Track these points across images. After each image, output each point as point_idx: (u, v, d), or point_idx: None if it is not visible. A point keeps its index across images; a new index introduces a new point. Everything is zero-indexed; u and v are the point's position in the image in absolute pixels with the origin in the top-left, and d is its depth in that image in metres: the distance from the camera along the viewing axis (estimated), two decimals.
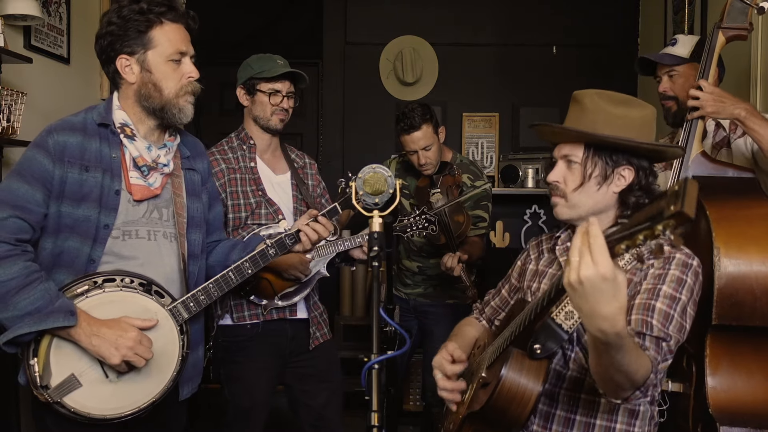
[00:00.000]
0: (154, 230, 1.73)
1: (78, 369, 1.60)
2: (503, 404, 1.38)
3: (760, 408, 1.78)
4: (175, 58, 1.70)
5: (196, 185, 1.86)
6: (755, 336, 1.81)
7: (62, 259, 1.65)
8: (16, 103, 2.51)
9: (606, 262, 1.04)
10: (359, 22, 4.74)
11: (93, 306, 1.61)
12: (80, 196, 1.63)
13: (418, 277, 3.10)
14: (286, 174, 2.45)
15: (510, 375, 1.37)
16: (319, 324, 2.45)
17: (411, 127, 2.85)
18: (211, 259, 1.94)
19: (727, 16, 2.09)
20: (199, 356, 1.89)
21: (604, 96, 1.49)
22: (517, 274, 1.80)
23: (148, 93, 1.69)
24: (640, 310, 1.40)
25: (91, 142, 1.67)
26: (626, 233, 0.99)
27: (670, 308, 1.40)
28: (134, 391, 1.65)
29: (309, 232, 1.89)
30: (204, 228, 1.87)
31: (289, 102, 2.41)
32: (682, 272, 1.44)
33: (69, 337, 1.57)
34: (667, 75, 2.34)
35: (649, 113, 1.50)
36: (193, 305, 1.73)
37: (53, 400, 1.58)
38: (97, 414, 1.61)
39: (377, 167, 1.60)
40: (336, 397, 2.46)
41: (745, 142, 2.17)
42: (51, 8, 2.96)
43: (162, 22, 1.68)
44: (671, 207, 0.91)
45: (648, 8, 4.48)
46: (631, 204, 1.48)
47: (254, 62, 2.39)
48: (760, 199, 1.89)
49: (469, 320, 1.90)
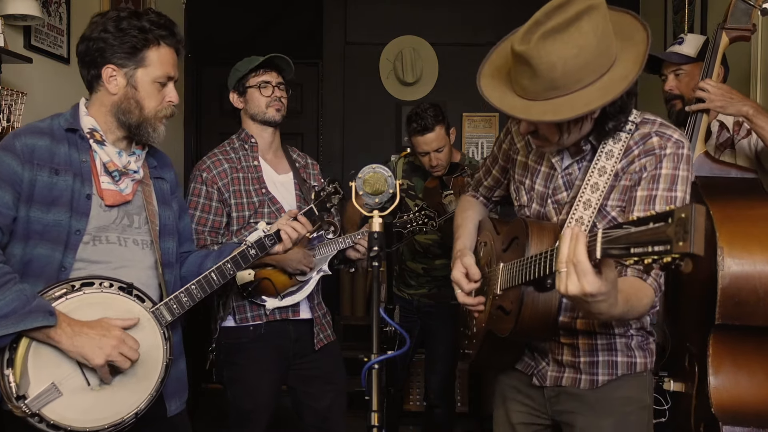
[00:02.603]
0: (124, 236, 1.69)
1: (58, 376, 1.52)
2: (525, 333, 1.50)
3: (762, 407, 1.78)
4: (162, 81, 1.68)
5: (165, 194, 1.83)
6: (758, 335, 1.81)
7: (32, 267, 1.58)
8: (16, 103, 2.50)
9: (590, 282, 1.12)
10: (359, 22, 4.74)
11: (73, 308, 1.54)
12: (50, 200, 1.58)
13: (423, 278, 3.10)
14: (288, 174, 2.45)
15: (527, 310, 1.46)
16: (323, 325, 2.44)
17: (424, 129, 2.83)
18: (184, 269, 1.89)
19: (730, 17, 2.09)
20: (181, 370, 1.82)
21: (548, 38, 1.30)
22: (505, 157, 1.76)
23: (128, 108, 1.67)
24: (642, 204, 1.44)
25: (60, 146, 1.63)
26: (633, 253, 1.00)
27: (671, 191, 1.43)
28: (117, 400, 1.57)
29: (289, 231, 1.92)
30: (176, 237, 1.84)
31: (281, 92, 2.40)
32: (674, 168, 1.44)
33: (49, 339, 1.49)
34: (673, 74, 2.34)
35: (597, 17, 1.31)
36: (176, 307, 1.69)
37: (31, 411, 1.47)
38: (77, 426, 1.52)
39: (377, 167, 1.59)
40: (340, 399, 2.46)
41: (749, 142, 2.17)
42: (51, 8, 2.95)
43: (159, 44, 1.67)
44: (679, 243, 0.91)
45: (648, 8, 4.48)
46: (607, 129, 1.45)
47: (240, 65, 2.40)
48: (763, 199, 1.89)
49: (468, 200, 1.93)
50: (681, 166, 1.44)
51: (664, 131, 1.47)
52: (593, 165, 1.49)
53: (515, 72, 1.38)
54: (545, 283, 1.36)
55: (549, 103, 1.34)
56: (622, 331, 1.58)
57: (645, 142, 1.47)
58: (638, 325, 1.60)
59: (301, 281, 2.33)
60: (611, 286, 1.16)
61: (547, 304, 1.47)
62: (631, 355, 1.59)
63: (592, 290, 1.13)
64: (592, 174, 1.49)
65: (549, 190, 1.60)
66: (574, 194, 1.54)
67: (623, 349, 1.59)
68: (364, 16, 4.74)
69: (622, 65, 1.36)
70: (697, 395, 1.86)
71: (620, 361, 1.58)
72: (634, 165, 1.47)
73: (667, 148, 1.44)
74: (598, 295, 1.15)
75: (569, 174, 1.57)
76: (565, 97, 1.33)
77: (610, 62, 1.35)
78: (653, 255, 0.96)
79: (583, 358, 1.59)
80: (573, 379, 1.61)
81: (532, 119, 1.38)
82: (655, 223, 0.97)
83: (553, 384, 1.63)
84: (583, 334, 1.59)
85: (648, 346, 1.62)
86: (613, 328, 1.58)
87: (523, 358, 1.69)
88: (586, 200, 1.49)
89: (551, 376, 1.64)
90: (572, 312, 1.57)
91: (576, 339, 1.60)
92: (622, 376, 1.58)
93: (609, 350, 1.59)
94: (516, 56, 1.35)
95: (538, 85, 1.34)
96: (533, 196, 1.64)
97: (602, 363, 1.59)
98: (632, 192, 1.47)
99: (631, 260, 1.01)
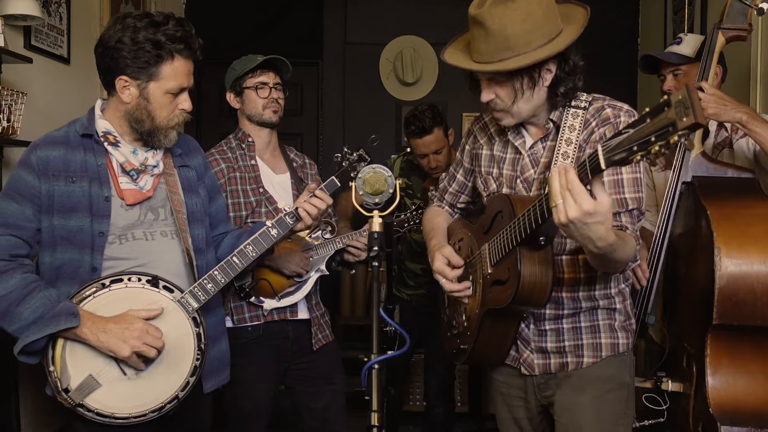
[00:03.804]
0: (150, 231, 1.74)
1: (95, 369, 1.62)
2: (527, 296, 1.54)
3: (760, 408, 1.78)
4: (175, 92, 1.71)
5: (191, 181, 1.87)
6: (756, 335, 1.81)
7: (64, 272, 1.66)
8: (16, 103, 2.51)
9: (586, 201, 1.22)
10: (359, 22, 4.75)
11: (100, 305, 1.63)
12: (69, 207, 1.65)
13: (421, 278, 3.10)
14: (285, 174, 2.45)
15: (527, 271, 1.52)
16: (321, 325, 2.44)
17: (423, 131, 2.83)
18: (220, 251, 1.94)
19: (726, 16, 2.09)
20: (222, 349, 1.90)
21: (499, 4, 1.49)
22: (469, 158, 1.88)
23: (140, 117, 1.70)
24: (611, 187, 1.56)
25: (75, 153, 1.69)
26: (639, 144, 1.09)
27: (635, 173, 1.57)
28: (154, 386, 1.65)
29: (308, 208, 1.92)
30: (206, 222, 1.88)
31: (278, 93, 2.40)
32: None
33: (77, 337, 1.59)
34: (671, 74, 2.34)
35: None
36: (201, 294, 1.73)
37: (76, 402, 1.59)
38: (120, 414, 1.62)
39: (377, 167, 1.59)
40: (339, 399, 2.46)
41: (747, 142, 2.18)
42: (51, 8, 2.96)
43: (174, 58, 1.67)
44: (683, 119, 1.01)
45: (648, 8, 4.48)
46: (560, 93, 1.58)
47: (236, 65, 2.40)
48: (760, 199, 1.89)
49: (435, 210, 2.01)
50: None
51: (615, 104, 1.63)
52: (560, 136, 1.61)
53: (473, 38, 1.56)
54: (538, 240, 1.47)
55: (502, 63, 1.51)
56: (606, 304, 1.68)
57: (600, 114, 1.61)
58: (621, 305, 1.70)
59: (299, 282, 2.33)
60: (607, 208, 1.25)
61: (544, 262, 1.52)
62: (614, 336, 1.69)
63: (589, 208, 1.22)
64: (560, 145, 1.61)
65: (517, 172, 1.71)
66: (542, 170, 1.66)
67: (606, 331, 1.68)
68: (364, 16, 4.75)
69: (567, 34, 1.54)
70: (696, 395, 1.86)
71: (604, 343, 1.68)
72: (594, 135, 1.59)
73: (620, 116, 1.58)
74: (596, 214, 1.23)
75: (534, 153, 1.68)
76: (516, 57, 1.50)
77: (556, 32, 1.53)
78: (659, 141, 1.05)
79: (568, 342, 1.68)
80: (560, 363, 1.69)
81: (486, 69, 1.53)
82: (653, 117, 1.07)
83: (543, 372, 1.70)
84: (567, 317, 1.67)
85: (630, 326, 1.73)
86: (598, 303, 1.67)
87: (509, 352, 1.74)
88: (563, 151, 1.60)
89: (538, 364, 1.70)
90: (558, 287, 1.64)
91: (560, 322, 1.67)
92: (606, 357, 1.68)
93: (593, 332, 1.68)
94: (472, 20, 1.54)
95: (491, 45, 1.51)
96: (502, 181, 1.74)
97: (587, 346, 1.68)
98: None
99: (638, 156, 1.10)
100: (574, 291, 1.66)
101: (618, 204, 1.55)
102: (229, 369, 1.95)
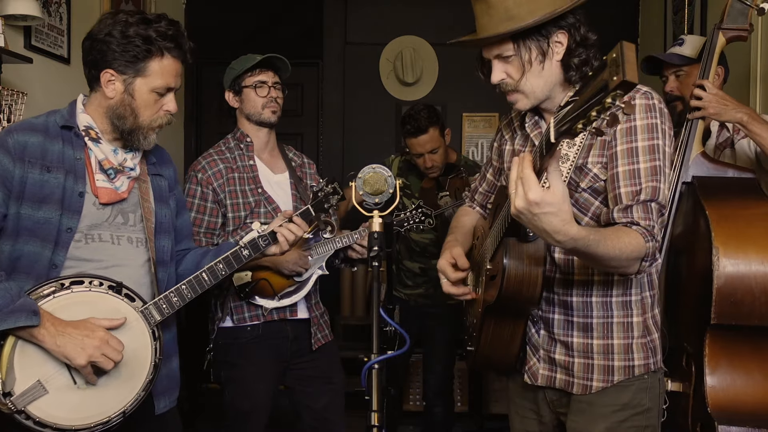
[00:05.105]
0: (118, 234, 1.68)
1: (44, 374, 1.52)
2: (513, 291, 1.46)
3: (758, 407, 1.78)
4: (161, 91, 1.66)
5: (163, 191, 1.82)
6: (754, 335, 1.82)
7: (21, 264, 1.58)
8: (16, 103, 2.51)
9: (532, 191, 1.15)
10: (359, 22, 4.75)
11: (60, 307, 1.54)
12: (41, 198, 1.58)
13: (419, 278, 3.10)
14: (284, 173, 2.45)
15: (512, 263, 1.45)
16: (320, 325, 2.44)
17: (418, 131, 2.83)
18: (181, 267, 1.88)
19: (727, 17, 2.10)
20: (173, 368, 1.82)
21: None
22: (497, 155, 1.80)
23: (123, 114, 1.66)
24: (627, 179, 1.44)
25: (54, 143, 1.63)
26: (579, 112, 1.00)
27: (654, 160, 1.43)
28: (104, 398, 1.56)
29: (285, 233, 1.89)
30: (172, 235, 1.82)
31: (277, 92, 2.40)
32: (648, 117, 1.45)
33: (32, 338, 1.50)
34: (674, 75, 2.35)
35: None
36: (166, 306, 1.67)
37: (17, 408, 1.48)
38: (64, 425, 1.51)
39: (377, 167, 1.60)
40: (338, 399, 2.46)
41: (749, 143, 2.18)
42: (51, 8, 2.96)
43: (163, 55, 1.64)
44: (614, 78, 0.92)
45: (648, 8, 4.48)
46: (574, 65, 1.47)
47: (235, 64, 2.40)
48: (759, 199, 1.90)
49: (464, 210, 1.94)
50: (654, 115, 1.45)
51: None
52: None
53: (477, 17, 1.49)
54: (526, 232, 1.41)
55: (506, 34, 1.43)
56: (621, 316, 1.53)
57: None
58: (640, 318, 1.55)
59: (299, 281, 2.34)
60: (559, 197, 1.17)
61: (534, 255, 1.46)
62: (629, 358, 1.54)
63: (535, 198, 1.15)
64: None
65: None
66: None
67: (621, 352, 1.53)
68: (364, 16, 4.75)
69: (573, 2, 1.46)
70: (694, 395, 1.87)
71: (617, 366, 1.53)
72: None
73: (636, 98, 1.45)
74: (544, 204, 1.16)
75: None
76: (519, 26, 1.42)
77: (562, 4, 1.43)
78: (596, 106, 0.96)
79: (577, 359, 1.56)
80: (565, 381, 1.58)
81: (488, 34, 1.45)
82: (593, 80, 0.99)
83: (546, 384, 1.61)
84: (578, 328, 1.55)
85: (652, 344, 1.56)
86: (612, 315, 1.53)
87: (518, 358, 1.67)
88: (563, 154, 1.49)
89: (543, 374, 1.61)
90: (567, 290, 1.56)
91: (571, 333, 1.56)
92: (618, 382, 1.53)
93: (605, 353, 1.54)
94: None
95: (493, 17, 1.44)
96: None
97: (597, 367, 1.54)
98: (611, 148, 1.47)
99: (579, 125, 1.01)
100: (585, 295, 1.55)
101: (629, 196, 1.43)
102: (178, 391, 1.84)
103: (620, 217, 1.42)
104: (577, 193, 1.52)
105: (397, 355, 1.35)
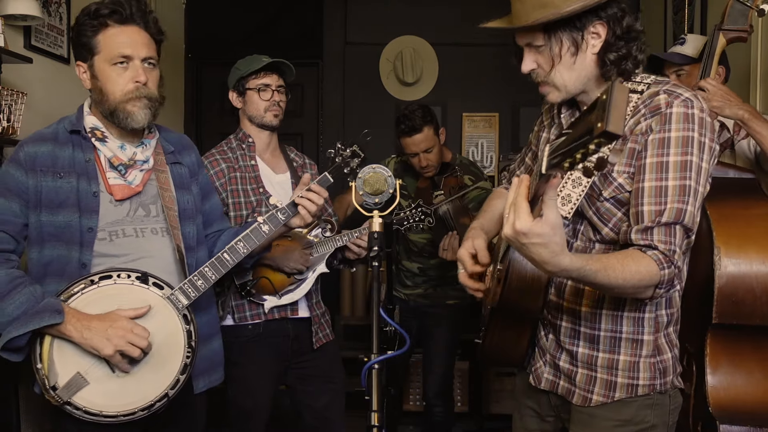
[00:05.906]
0: (141, 227, 1.72)
1: (82, 367, 1.61)
2: (514, 300, 1.42)
3: (759, 407, 1.79)
4: (119, 61, 1.65)
5: (184, 178, 1.85)
6: (755, 335, 1.82)
7: (52, 268, 1.65)
8: (16, 103, 2.51)
9: (521, 221, 1.10)
10: (359, 22, 4.75)
11: (88, 302, 1.61)
12: (57, 203, 1.65)
13: (418, 278, 3.10)
14: (285, 174, 2.46)
15: (514, 274, 1.40)
16: (321, 324, 2.45)
17: (412, 130, 2.84)
18: (216, 249, 1.91)
19: (727, 17, 2.10)
20: (214, 349, 1.88)
21: None
22: (535, 140, 1.70)
23: (99, 99, 1.69)
24: (652, 196, 1.31)
25: (63, 149, 1.68)
26: (566, 150, 0.95)
27: (684, 179, 1.30)
28: (143, 385, 1.63)
29: (305, 203, 1.85)
30: (198, 220, 1.86)
31: (280, 96, 2.40)
32: (685, 128, 1.31)
33: (61, 334, 1.58)
34: (675, 74, 2.35)
35: None
36: (191, 290, 1.70)
37: (63, 400, 1.58)
38: (108, 412, 1.60)
39: (377, 167, 1.60)
40: (338, 399, 2.46)
41: (749, 144, 2.19)
42: (51, 8, 2.96)
43: (107, 25, 1.65)
44: (598, 124, 0.85)
45: (648, 8, 4.48)
46: (610, 61, 1.35)
47: (241, 64, 2.40)
48: (760, 199, 1.90)
49: (499, 191, 1.82)
50: (691, 126, 1.31)
51: (674, 89, 1.35)
52: None
53: (512, 2, 1.39)
54: None
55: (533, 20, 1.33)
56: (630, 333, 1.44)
57: (652, 100, 1.35)
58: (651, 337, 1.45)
59: (299, 279, 2.34)
60: (548, 229, 1.10)
61: (536, 276, 1.40)
62: (634, 377, 1.45)
63: (522, 228, 1.10)
64: None
65: None
66: None
67: (626, 369, 1.45)
68: (364, 16, 4.75)
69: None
70: (695, 394, 1.87)
71: (620, 383, 1.46)
72: (640, 125, 1.35)
73: (674, 106, 1.31)
74: (531, 235, 1.10)
75: None
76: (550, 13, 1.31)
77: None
78: (580, 149, 0.89)
79: (580, 370, 1.50)
80: (567, 390, 1.53)
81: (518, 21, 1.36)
82: (587, 116, 0.91)
83: (549, 388, 1.57)
84: (585, 338, 1.49)
85: (662, 364, 1.46)
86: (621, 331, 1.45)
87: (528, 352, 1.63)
88: (576, 177, 1.41)
89: (546, 378, 1.57)
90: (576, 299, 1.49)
91: (577, 343, 1.50)
92: (619, 399, 1.46)
93: (609, 368, 1.46)
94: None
95: (526, 4, 1.34)
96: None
97: (600, 381, 1.47)
98: (640, 159, 1.35)
99: (565, 164, 0.94)
100: (596, 306, 1.46)
101: (651, 216, 1.31)
102: (223, 369, 1.92)
103: (638, 239, 1.32)
104: (599, 202, 1.41)
105: (397, 355, 1.35)
